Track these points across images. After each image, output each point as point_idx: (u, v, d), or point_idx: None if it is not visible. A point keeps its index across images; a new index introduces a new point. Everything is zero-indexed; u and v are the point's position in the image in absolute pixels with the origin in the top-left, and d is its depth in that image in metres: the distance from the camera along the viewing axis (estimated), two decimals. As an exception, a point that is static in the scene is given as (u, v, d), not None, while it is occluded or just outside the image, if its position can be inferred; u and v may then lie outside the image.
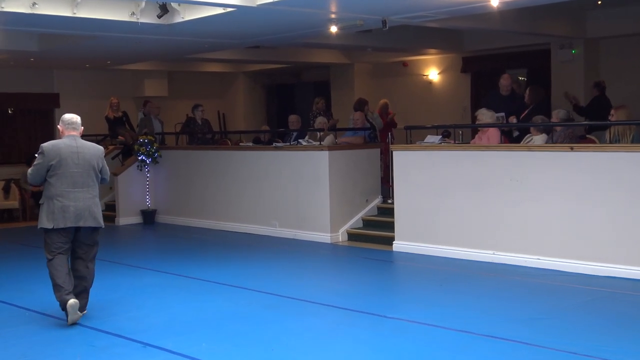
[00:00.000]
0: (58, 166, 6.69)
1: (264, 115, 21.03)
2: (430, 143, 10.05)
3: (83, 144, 6.86)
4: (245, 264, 9.63)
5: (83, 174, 6.76)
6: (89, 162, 6.80)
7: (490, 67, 16.45)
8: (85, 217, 6.74)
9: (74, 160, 6.73)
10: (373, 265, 9.53)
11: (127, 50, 13.48)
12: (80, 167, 6.75)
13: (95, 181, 6.86)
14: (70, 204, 6.67)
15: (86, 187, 6.78)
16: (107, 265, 9.72)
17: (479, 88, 16.76)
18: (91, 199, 6.79)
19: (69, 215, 6.68)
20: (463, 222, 9.49)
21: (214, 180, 13.03)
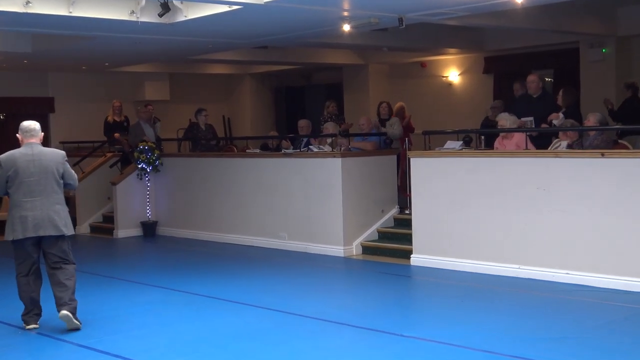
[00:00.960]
0: (14, 176, 6.97)
1: (272, 119, 21.10)
2: (450, 149, 10.06)
3: (40, 151, 7.09)
4: (252, 279, 9.66)
5: (40, 181, 6.98)
6: (47, 168, 7.02)
7: (514, 67, 16.45)
8: (45, 226, 6.96)
9: (30, 168, 6.97)
10: (389, 281, 9.53)
11: (126, 51, 13.57)
12: (37, 175, 6.98)
13: (56, 188, 7.06)
14: (28, 214, 6.92)
15: (45, 195, 6.99)
16: (106, 281, 9.77)
17: (502, 90, 16.74)
18: (50, 207, 7.00)
19: (27, 225, 6.93)
20: (486, 234, 9.49)
21: (219, 190, 13.08)
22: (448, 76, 17.88)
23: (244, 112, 20.62)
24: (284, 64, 18.19)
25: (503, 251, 9.31)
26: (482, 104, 16.95)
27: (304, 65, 18.43)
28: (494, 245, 9.40)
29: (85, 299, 8.53)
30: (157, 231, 14.17)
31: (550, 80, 16.32)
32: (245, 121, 20.48)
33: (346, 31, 11.25)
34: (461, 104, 17.46)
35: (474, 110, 16.99)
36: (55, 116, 17.44)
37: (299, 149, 12.21)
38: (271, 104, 21.27)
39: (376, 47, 15.54)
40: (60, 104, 17.48)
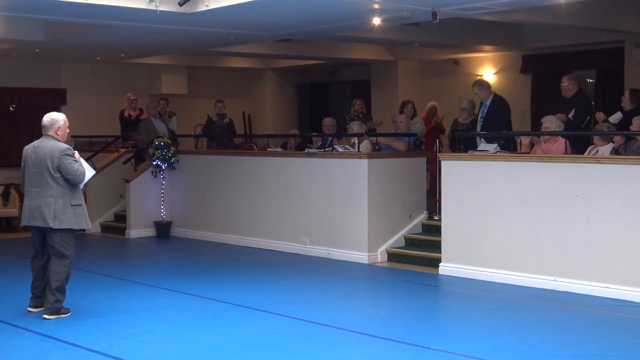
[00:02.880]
0: (24, 168, 7.92)
1: (295, 117, 21.12)
2: (484, 152, 10.03)
3: (43, 144, 7.84)
4: (271, 285, 9.67)
5: (37, 173, 7.76)
6: (42, 161, 7.74)
7: (554, 67, 16.35)
8: (35, 217, 7.75)
9: (32, 160, 7.82)
10: (416, 290, 9.52)
11: (143, 41, 13.65)
12: (36, 166, 7.78)
13: (50, 181, 7.72)
14: (27, 203, 7.84)
15: (40, 186, 7.75)
16: (116, 283, 9.83)
17: (541, 91, 16.67)
18: (42, 199, 7.70)
19: (25, 213, 7.86)
20: (520, 243, 9.45)
21: (237, 190, 13.12)
22: (483, 75, 17.80)
23: (265, 109, 20.67)
24: (308, 58, 18.20)
25: (538, 262, 9.26)
26: (519, 105, 16.86)
27: (330, 60, 18.44)
28: (529, 255, 9.36)
29: (96, 302, 8.63)
30: (171, 232, 14.23)
31: (592, 82, 16.21)
32: (267, 118, 20.52)
33: (376, 25, 11.24)
34: (496, 104, 17.38)
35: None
36: (67, 109, 17.51)
37: (323, 149, 12.21)
38: (294, 100, 21.30)
39: (407, 42, 15.51)
40: (73, 96, 17.60)
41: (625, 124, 10.22)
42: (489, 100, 11.31)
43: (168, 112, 15.84)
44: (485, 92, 11.41)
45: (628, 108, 10.66)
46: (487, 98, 11.36)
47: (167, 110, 15.80)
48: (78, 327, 7.49)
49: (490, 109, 11.27)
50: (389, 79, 18.67)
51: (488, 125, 11.15)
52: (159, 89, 18.49)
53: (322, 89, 21.20)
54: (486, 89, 11.48)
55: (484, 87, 11.55)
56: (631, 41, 14.85)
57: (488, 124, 11.17)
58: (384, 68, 18.69)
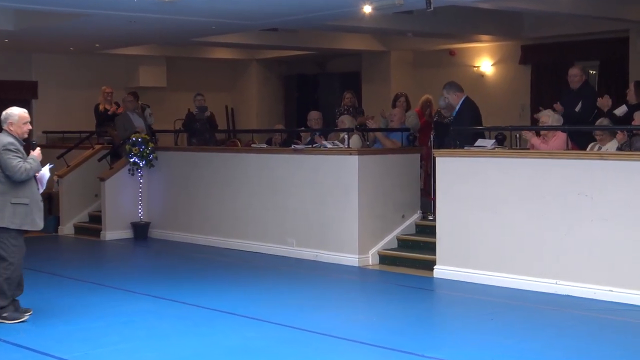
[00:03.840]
0: None
1: (281, 111, 21.11)
2: (481, 148, 10.05)
3: None
4: (256, 290, 9.66)
5: None
6: None
7: (555, 58, 16.40)
8: None
9: None
10: (410, 294, 9.52)
11: (119, 31, 13.61)
12: None
13: None
14: None
15: None
16: (91, 288, 9.80)
17: (541, 83, 16.71)
18: None
19: None
20: (520, 244, 9.47)
21: (220, 189, 13.10)
22: (480, 66, 17.85)
23: (249, 103, 20.65)
24: (295, 49, 18.20)
25: (539, 264, 9.28)
26: (518, 97, 16.93)
27: (318, 51, 18.43)
28: (529, 257, 9.38)
29: (69, 308, 8.59)
30: (150, 233, 14.20)
31: (594, 73, 16.26)
32: (251, 112, 20.50)
33: (367, 13, 11.24)
34: (494, 97, 17.41)
35: (508, 105, 16.96)
36: (38, 102, 17.50)
37: (310, 145, 12.21)
38: (280, 94, 21.29)
39: (400, 32, 15.52)
40: (45, 89, 17.53)
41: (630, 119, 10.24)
42: (459, 105, 10.77)
43: (140, 105, 15.79)
44: (455, 95, 10.78)
45: (633, 102, 10.68)
46: (456, 102, 10.78)
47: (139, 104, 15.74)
48: (50, 335, 7.45)
49: (460, 113, 10.76)
50: (381, 71, 18.68)
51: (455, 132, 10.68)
52: (136, 81, 18.44)
53: (310, 82, 21.20)
54: (456, 91, 10.81)
55: (453, 89, 10.85)
56: (636, 30, 14.90)
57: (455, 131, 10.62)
58: (375, 59, 18.69)
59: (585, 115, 10.79)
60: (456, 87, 10.87)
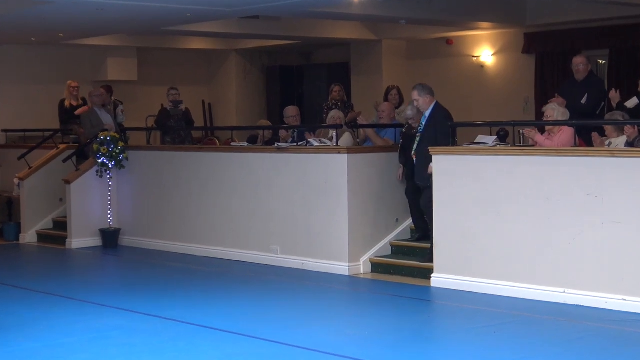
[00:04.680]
0: None
1: (263, 106, 21.08)
2: (481, 145, 10.06)
3: None
4: (237, 302, 9.65)
5: None
6: None
7: (561, 46, 16.44)
8: None
9: None
10: (405, 305, 9.54)
11: (85, 19, 13.56)
12: None
13: None
14: None
15: None
16: (56, 301, 9.76)
17: (546, 74, 16.75)
18: None
19: None
20: (524, 250, 9.49)
21: (197, 191, 13.07)
22: (480, 56, 17.87)
23: (229, 97, 20.61)
24: (278, 38, 18.18)
25: (545, 271, 9.30)
26: (522, 90, 16.97)
27: (304, 40, 18.41)
28: (534, 263, 9.40)
29: (32, 323, 8.56)
30: (120, 241, 14.16)
31: (604, 63, 16.31)
32: (230, 108, 20.46)
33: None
34: (495, 90, 17.46)
35: (510, 98, 17.00)
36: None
37: (295, 143, 12.20)
38: (262, 87, 21.25)
39: (392, 19, 15.52)
40: (3, 84, 17.44)
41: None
42: (429, 110, 10.59)
43: (113, 101, 15.74)
44: (426, 98, 10.60)
45: None
46: (426, 107, 10.60)
47: (112, 100, 15.69)
48: (12, 354, 7.42)
49: (432, 118, 10.56)
50: (372, 62, 18.68)
51: (425, 141, 10.47)
52: (105, 74, 18.38)
53: (295, 74, 21.17)
54: (427, 94, 10.62)
55: (425, 91, 10.64)
56: (649, 16, 14.96)
57: (425, 141, 10.49)
58: (366, 49, 18.70)
59: (591, 107, 10.82)
60: (429, 90, 10.68)
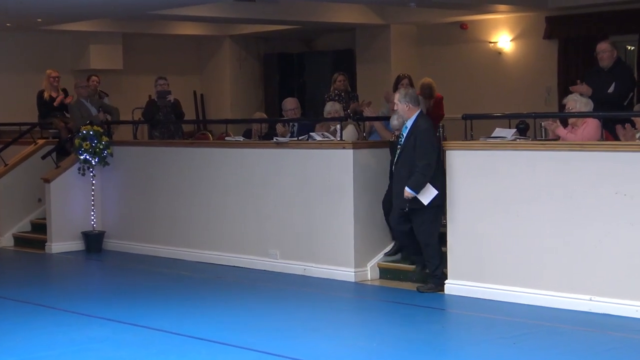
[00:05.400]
0: None
1: (260, 97, 21.08)
2: (499, 139, 10.06)
3: None
4: (232, 311, 9.65)
5: None
6: None
7: (586, 31, 16.43)
8: None
9: None
10: (416, 314, 9.53)
11: (66, 2, 13.55)
12: None
13: None
14: None
15: None
16: (36, 311, 9.77)
17: (570, 61, 16.74)
18: None
19: None
20: (546, 254, 9.47)
21: (188, 191, 13.07)
22: (497, 42, 17.86)
23: (222, 88, 20.61)
24: (277, 23, 18.18)
25: (569, 277, 9.29)
26: (543, 79, 16.95)
27: (304, 25, 18.41)
28: (557, 268, 9.39)
29: (9, 335, 8.57)
30: (105, 245, 14.16)
31: (632, 49, 16.30)
32: (224, 99, 20.46)
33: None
34: (514, 79, 17.45)
35: (531, 88, 16.99)
36: (-32, 89, 17.48)
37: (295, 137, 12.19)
38: (259, 76, 21.25)
39: (401, 1, 15.52)
40: (-24, 74, 17.51)
41: None
42: (412, 120, 10.12)
43: (98, 92, 15.74)
44: (407, 106, 10.14)
45: None
46: (408, 115, 10.15)
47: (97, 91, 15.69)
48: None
49: (416, 127, 10.07)
50: (379, 49, 18.67)
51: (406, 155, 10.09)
52: (87, 63, 18.38)
53: (295, 62, 21.17)
54: (409, 102, 10.14)
55: (407, 98, 10.15)
56: (682, -2, 14.96)
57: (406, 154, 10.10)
58: (373, 34, 18.69)
59: (620, 97, 10.82)
60: (413, 98, 10.22)
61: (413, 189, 9.99)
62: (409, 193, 10.00)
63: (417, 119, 10.18)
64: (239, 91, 20.68)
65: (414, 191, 9.99)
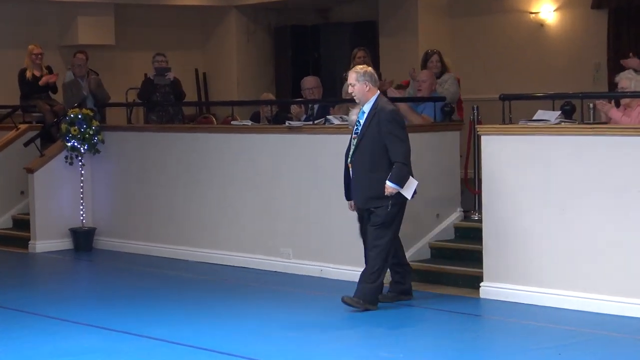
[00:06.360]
0: None
1: (271, 76, 21.07)
2: (542, 123, 10.03)
3: None
4: (238, 318, 9.67)
5: None
6: None
7: (639, 0, 16.37)
8: None
9: None
10: (448, 321, 9.55)
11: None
12: None
13: None
14: None
15: None
16: (19, 318, 9.81)
17: (622, 34, 16.66)
18: None
19: None
20: (595, 253, 9.46)
21: (189, 181, 13.09)
22: (539, 12, 17.79)
23: (228, 65, 20.60)
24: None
25: (622, 279, 9.28)
26: (591, 55, 16.87)
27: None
28: (609, 270, 9.37)
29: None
30: (95, 243, 14.21)
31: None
32: (230, 78, 20.45)
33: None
34: (558, 54, 17.38)
35: (577, 64, 16.92)
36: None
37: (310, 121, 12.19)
38: (269, 52, 21.24)
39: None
40: (-50, 50, 17.56)
41: None
42: (371, 102, 9.80)
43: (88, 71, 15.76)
44: (366, 86, 9.77)
45: None
46: (365, 98, 9.83)
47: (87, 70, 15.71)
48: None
49: (371, 117, 9.73)
50: (404, 20, 18.61)
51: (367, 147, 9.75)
52: (74, 38, 18.36)
53: (309, 35, 21.15)
54: (368, 81, 9.79)
55: (366, 77, 9.81)
56: None
57: (367, 146, 9.75)
58: (397, 3, 18.64)
59: None
60: (372, 77, 9.87)
61: (397, 183, 9.58)
62: (393, 188, 9.58)
63: (377, 100, 9.83)
64: (246, 69, 20.65)
65: (397, 185, 9.59)
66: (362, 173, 9.83)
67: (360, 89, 9.80)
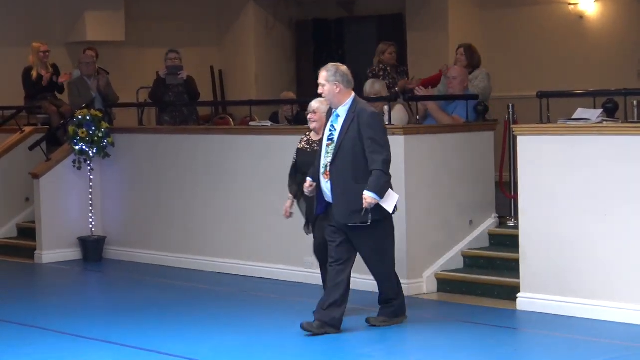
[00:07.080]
0: None
1: (292, 73, 21.09)
2: (582, 122, 10.01)
3: None
4: (259, 331, 9.69)
5: None
6: None
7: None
8: None
9: None
10: (483, 335, 9.53)
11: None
12: None
13: None
14: None
15: None
16: (25, 332, 9.85)
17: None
18: None
19: None
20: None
21: (205, 187, 13.10)
22: (578, 3, 17.76)
23: (245, 62, 20.62)
24: (310, -17, 18.20)
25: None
26: (635, 48, 16.83)
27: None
28: (656, 279, 9.35)
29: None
30: (105, 253, 14.25)
31: None
32: (248, 76, 20.47)
33: None
34: (599, 48, 17.34)
35: (620, 59, 16.88)
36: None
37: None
38: (290, 48, 21.26)
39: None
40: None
41: None
42: (346, 105, 9.40)
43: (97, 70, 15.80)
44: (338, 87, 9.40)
45: None
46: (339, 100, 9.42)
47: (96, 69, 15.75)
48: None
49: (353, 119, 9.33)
50: (434, 13, 18.60)
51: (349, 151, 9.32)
52: (82, 34, 18.41)
53: (333, 30, 21.18)
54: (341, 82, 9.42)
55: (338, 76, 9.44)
56: None
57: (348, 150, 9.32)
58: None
59: None
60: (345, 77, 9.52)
61: (376, 193, 9.12)
62: (372, 199, 9.11)
63: (354, 102, 9.41)
64: (265, 66, 20.67)
65: (377, 195, 9.11)
66: (342, 184, 9.34)
67: (330, 90, 9.40)
